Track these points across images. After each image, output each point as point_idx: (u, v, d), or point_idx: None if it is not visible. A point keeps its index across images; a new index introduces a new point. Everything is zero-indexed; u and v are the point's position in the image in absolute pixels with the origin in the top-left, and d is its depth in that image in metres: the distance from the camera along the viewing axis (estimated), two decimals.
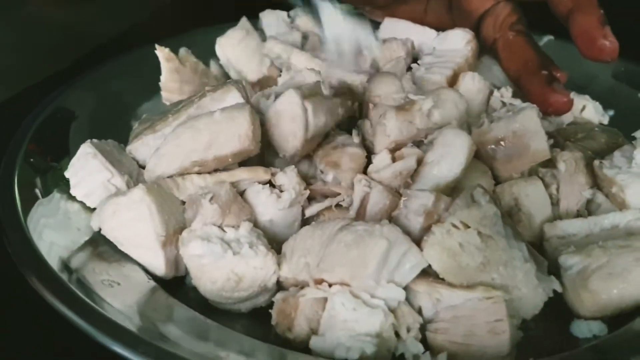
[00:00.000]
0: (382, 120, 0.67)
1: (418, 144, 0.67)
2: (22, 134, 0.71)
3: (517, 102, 0.76)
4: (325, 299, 0.54)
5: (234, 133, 0.63)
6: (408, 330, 0.53)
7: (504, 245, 0.54)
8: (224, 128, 0.64)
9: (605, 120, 0.85)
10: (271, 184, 0.66)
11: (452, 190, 0.63)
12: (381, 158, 0.66)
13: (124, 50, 0.93)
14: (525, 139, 0.66)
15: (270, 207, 0.63)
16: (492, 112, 0.75)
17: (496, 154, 0.68)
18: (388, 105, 0.71)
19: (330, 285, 0.54)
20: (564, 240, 0.63)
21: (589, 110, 0.83)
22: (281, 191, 0.64)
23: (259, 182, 0.65)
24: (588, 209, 0.68)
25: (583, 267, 0.58)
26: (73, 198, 0.65)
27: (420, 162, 0.65)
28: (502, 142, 0.67)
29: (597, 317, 0.57)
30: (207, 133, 0.64)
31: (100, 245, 0.61)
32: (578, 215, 0.67)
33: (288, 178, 0.64)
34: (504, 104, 0.76)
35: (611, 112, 0.86)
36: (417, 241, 0.55)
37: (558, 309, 0.58)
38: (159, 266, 0.59)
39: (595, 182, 0.69)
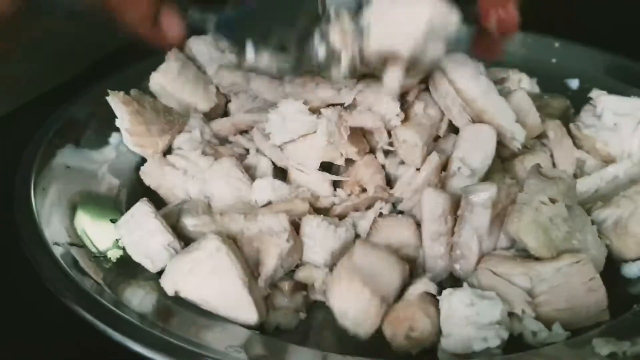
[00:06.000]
0: (399, 141, 0.70)
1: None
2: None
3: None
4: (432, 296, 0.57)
5: None
6: (522, 311, 0.56)
7: (580, 211, 0.60)
8: None
9: (537, 89, 0.94)
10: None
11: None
12: (405, 177, 0.69)
13: (130, 60, 0.90)
14: (521, 117, 0.73)
15: (331, 241, 0.63)
16: None
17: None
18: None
19: None
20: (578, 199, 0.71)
21: (525, 82, 0.92)
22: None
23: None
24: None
25: (617, 217, 0.65)
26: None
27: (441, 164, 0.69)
28: None
29: None
30: None
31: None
32: (575, 175, 0.75)
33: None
34: None
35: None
36: (486, 234, 0.59)
37: None
38: (250, 313, 0.56)
39: (574, 142, 0.78)
